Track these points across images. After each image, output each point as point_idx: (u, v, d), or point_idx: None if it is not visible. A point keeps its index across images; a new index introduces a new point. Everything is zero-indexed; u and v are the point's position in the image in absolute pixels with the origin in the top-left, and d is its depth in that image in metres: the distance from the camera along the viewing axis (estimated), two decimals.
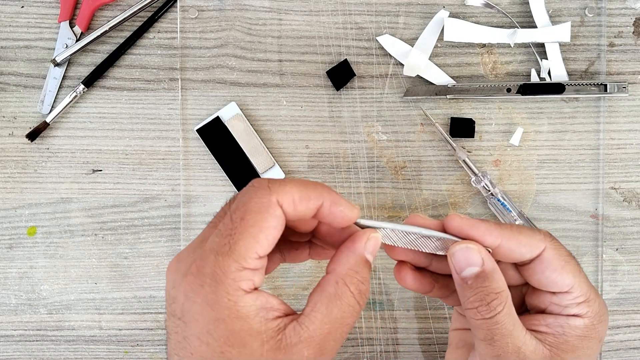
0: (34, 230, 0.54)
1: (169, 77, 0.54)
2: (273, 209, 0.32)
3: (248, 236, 0.32)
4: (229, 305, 0.31)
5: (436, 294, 0.40)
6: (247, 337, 0.31)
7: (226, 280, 0.31)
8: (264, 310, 0.32)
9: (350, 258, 0.35)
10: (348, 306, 0.33)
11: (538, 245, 0.37)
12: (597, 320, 0.37)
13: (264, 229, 0.32)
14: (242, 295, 0.31)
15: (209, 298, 0.31)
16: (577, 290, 0.37)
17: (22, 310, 0.54)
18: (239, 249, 0.32)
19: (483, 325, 0.35)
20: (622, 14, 0.54)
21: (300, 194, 0.33)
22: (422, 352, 0.55)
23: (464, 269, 0.36)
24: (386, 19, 0.54)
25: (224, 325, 0.31)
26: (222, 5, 0.54)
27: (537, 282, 0.38)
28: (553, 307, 0.38)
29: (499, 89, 0.53)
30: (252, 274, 0.32)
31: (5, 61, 0.54)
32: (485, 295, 0.35)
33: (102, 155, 0.54)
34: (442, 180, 0.54)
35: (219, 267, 0.31)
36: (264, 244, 0.32)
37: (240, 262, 0.31)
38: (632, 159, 0.55)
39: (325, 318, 0.33)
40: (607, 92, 0.53)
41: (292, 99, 0.54)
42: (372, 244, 0.35)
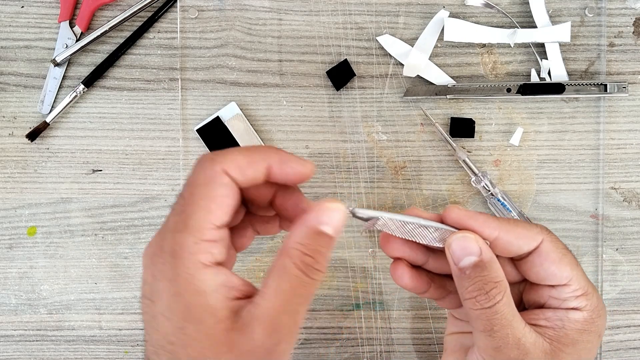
0: (34, 230, 0.54)
1: (169, 77, 0.54)
2: (220, 178, 0.33)
3: (199, 209, 0.32)
4: (187, 279, 0.31)
5: (432, 295, 0.40)
6: (203, 313, 0.31)
7: (184, 255, 0.31)
8: (225, 288, 0.32)
9: (300, 230, 0.34)
10: (294, 277, 0.32)
11: (535, 237, 0.37)
12: (596, 314, 0.37)
13: (213, 198, 0.32)
14: (201, 268, 0.32)
15: (170, 274, 0.32)
16: (576, 282, 0.37)
17: (22, 310, 0.54)
18: (193, 222, 0.32)
19: (482, 316, 0.35)
20: (622, 14, 0.54)
21: (246, 159, 0.33)
22: (422, 352, 0.55)
23: (462, 258, 0.36)
24: (386, 19, 0.54)
25: (182, 300, 0.31)
26: (222, 5, 0.54)
27: (535, 276, 0.38)
28: (552, 301, 0.38)
29: (499, 89, 0.53)
30: (211, 246, 0.32)
31: (5, 61, 0.54)
32: (484, 284, 0.35)
33: (102, 155, 0.54)
34: (442, 180, 0.54)
35: (176, 243, 0.32)
36: (218, 214, 0.32)
37: (195, 235, 0.32)
38: (632, 159, 0.55)
39: (276, 292, 0.32)
40: (607, 92, 0.53)
41: (292, 99, 0.54)
42: (328, 215, 0.34)
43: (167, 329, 0.32)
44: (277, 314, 0.32)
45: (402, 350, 0.54)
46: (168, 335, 0.32)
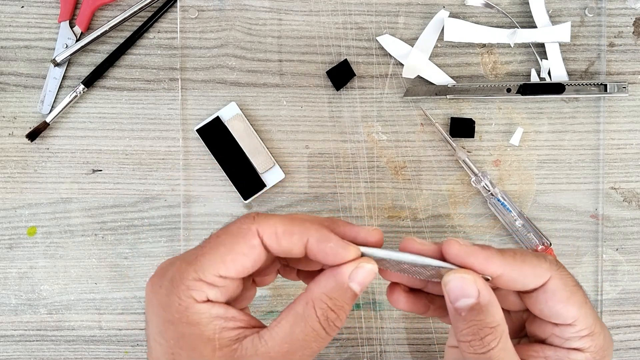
0: (34, 230, 0.54)
1: (169, 77, 0.54)
2: (249, 237, 0.32)
3: (215, 254, 0.32)
4: (180, 310, 0.31)
5: (433, 314, 0.39)
6: (197, 342, 0.31)
7: (180, 286, 0.32)
8: (221, 319, 0.32)
9: (329, 282, 0.33)
10: (311, 330, 0.32)
11: (543, 274, 0.35)
12: (600, 356, 0.35)
13: (233, 252, 0.32)
14: (193, 303, 0.32)
15: (163, 300, 0.32)
16: (582, 323, 0.35)
17: (22, 310, 0.54)
18: (202, 261, 0.32)
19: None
20: (622, 14, 0.54)
21: (283, 228, 0.33)
22: (421, 352, 0.55)
23: (459, 299, 0.34)
24: (386, 19, 0.54)
25: (174, 328, 0.31)
26: (222, 5, 0.54)
27: (539, 312, 0.36)
28: (554, 339, 0.36)
29: (499, 89, 0.53)
30: (207, 288, 0.32)
31: (5, 61, 0.54)
32: (479, 329, 0.33)
33: (102, 155, 0.54)
34: (442, 180, 0.54)
35: (178, 272, 0.32)
36: (229, 267, 0.32)
37: (198, 273, 0.32)
38: (632, 159, 0.55)
39: (287, 337, 0.32)
40: (607, 92, 0.53)
41: (292, 99, 0.54)
42: (360, 274, 0.33)
43: (159, 353, 0.32)
44: (283, 355, 0.31)
45: (402, 351, 0.54)
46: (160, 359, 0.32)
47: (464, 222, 0.54)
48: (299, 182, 0.54)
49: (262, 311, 0.54)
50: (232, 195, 0.54)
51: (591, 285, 0.55)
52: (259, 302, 0.54)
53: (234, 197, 0.54)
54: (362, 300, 0.54)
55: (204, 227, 0.54)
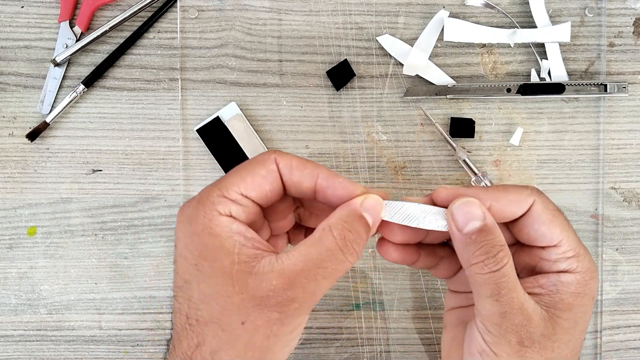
0: (34, 230, 0.54)
1: (169, 77, 0.54)
2: (268, 162, 0.36)
3: (236, 176, 0.35)
4: (204, 222, 0.34)
5: (423, 264, 0.40)
6: (218, 253, 0.33)
7: (206, 202, 0.34)
8: (241, 236, 0.34)
9: (342, 211, 0.35)
10: (327, 250, 0.34)
11: (527, 200, 0.37)
12: (589, 276, 0.37)
13: (253, 173, 0.35)
14: (216, 215, 0.34)
15: (190, 216, 0.35)
16: (566, 244, 0.37)
17: (22, 310, 0.54)
18: (225, 181, 0.35)
19: (490, 280, 0.35)
20: (622, 14, 0.54)
21: (298, 161, 0.36)
22: (422, 352, 0.55)
23: (466, 224, 0.35)
24: (386, 19, 0.54)
25: (198, 239, 0.34)
26: (222, 5, 0.54)
27: (526, 237, 0.38)
28: (543, 263, 0.38)
29: (499, 89, 0.53)
30: (230, 203, 0.35)
31: (5, 61, 0.54)
32: (491, 247, 0.35)
33: (102, 155, 0.54)
34: (442, 180, 0.54)
35: (204, 192, 0.35)
36: (249, 186, 0.35)
37: (222, 190, 0.35)
38: (632, 159, 0.55)
39: (302, 256, 0.33)
40: (607, 92, 0.53)
41: (292, 99, 0.54)
42: (370, 202, 0.36)
43: (183, 267, 0.34)
44: (298, 273, 0.33)
45: (402, 350, 0.54)
46: (184, 274, 0.34)
47: None
48: None
49: None
50: None
51: None
52: None
53: None
54: (362, 300, 0.54)
55: None
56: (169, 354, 0.36)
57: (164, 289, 0.54)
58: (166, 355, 0.38)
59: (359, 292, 0.54)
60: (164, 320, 0.54)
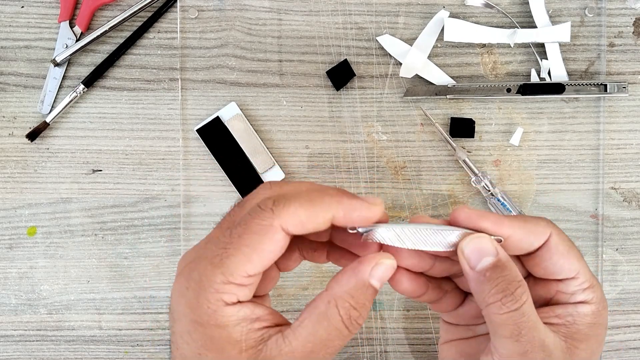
0: (34, 230, 0.54)
1: (169, 77, 0.54)
2: (272, 233, 0.32)
3: (241, 254, 0.32)
4: (209, 313, 0.31)
5: (429, 297, 0.38)
6: (225, 344, 0.32)
7: (209, 289, 0.31)
8: (248, 320, 0.32)
9: (350, 280, 0.33)
10: (335, 329, 0.32)
11: (544, 231, 0.35)
12: (602, 306, 0.36)
13: (258, 250, 0.32)
14: (222, 306, 0.32)
15: (191, 302, 0.32)
16: (583, 275, 0.36)
17: (22, 310, 0.54)
18: (229, 263, 0.32)
19: (509, 320, 0.33)
20: (622, 14, 0.54)
21: (306, 214, 0.32)
22: (421, 352, 0.55)
23: (479, 261, 0.34)
24: (386, 19, 0.54)
25: (202, 329, 0.32)
26: (222, 5, 0.54)
27: (543, 271, 0.36)
28: (560, 296, 0.36)
29: (499, 89, 0.53)
30: (237, 289, 0.32)
31: (5, 61, 0.54)
32: (508, 284, 0.33)
33: (102, 155, 0.54)
34: (442, 180, 0.54)
35: (205, 275, 0.32)
36: (256, 265, 0.32)
37: (226, 276, 0.31)
38: (632, 159, 0.55)
39: (310, 336, 0.32)
40: (607, 92, 0.53)
41: (292, 99, 0.54)
42: (380, 270, 0.34)
43: (186, 351, 0.32)
44: (307, 355, 0.32)
45: (402, 350, 0.54)
46: (186, 358, 0.32)
47: None
48: None
49: None
50: (232, 195, 0.54)
51: None
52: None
53: (234, 197, 0.54)
54: None
55: (204, 227, 0.54)
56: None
57: (164, 289, 0.54)
58: None
59: None
60: (164, 320, 0.54)
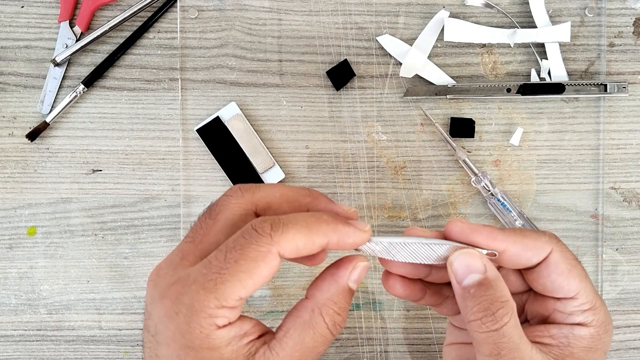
0: (34, 230, 0.54)
1: (169, 77, 0.54)
2: (270, 259, 0.32)
3: (236, 280, 0.31)
4: (201, 337, 0.31)
5: (428, 302, 0.38)
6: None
7: (201, 314, 0.31)
8: (237, 338, 0.32)
9: (331, 286, 0.33)
10: (320, 336, 0.33)
11: (544, 247, 0.35)
12: (603, 330, 0.35)
13: (254, 276, 0.31)
14: (215, 330, 0.31)
15: (182, 327, 0.31)
16: (583, 296, 0.35)
17: (22, 310, 0.54)
18: (224, 289, 0.31)
19: (488, 339, 0.33)
20: (622, 14, 0.54)
21: (304, 241, 0.32)
22: (421, 352, 0.55)
23: (465, 276, 0.33)
24: (386, 19, 0.54)
25: (194, 353, 0.31)
26: (222, 5, 0.54)
27: (541, 287, 0.36)
28: (557, 315, 0.36)
29: (499, 89, 0.53)
30: (230, 312, 0.32)
31: (5, 61, 0.54)
32: (490, 304, 0.33)
33: (102, 155, 0.54)
34: (442, 180, 0.54)
35: (197, 300, 0.31)
36: (249, 289, 0.32)
37: (220, 301, 0.31)
38: (632, 159, 0.55)
39: (297, 346, 0.32)
40: (607, 92, 0.53)
41: (292, 99, 0.54)
42: (357, 273, 0.34)
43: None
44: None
45: (402, 350, 0.54)
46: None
47: None
48: (299, 182, 0.54)
49: (262, 311, 0.54)
50: None
51: None
52: (259, 302, 0.54)
53: None
54: (362, 300, 0.54)
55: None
56: None
57: None
58: None
59: (359, 292, 0.54)
60: None
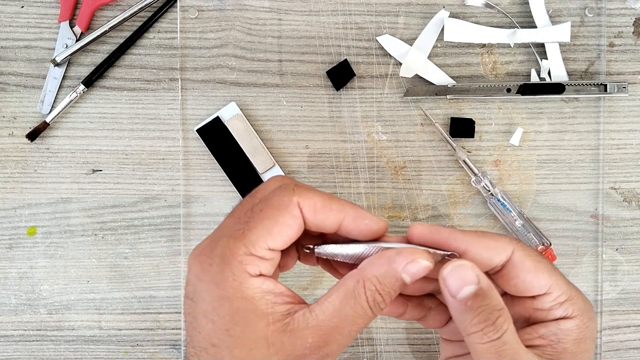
0: (34, 230, 0.54)
1: (169, 77, 0.54)
2: (292, 208, 0.33)
3: (262, 227, 0.33)
4: (234, 285, 0.32)
5: (411, 316, 0.39)
6: (251, 317, 0.32)
7: (233, 262, 0.32)
8: (272, 294, 0.33)
9: (383, 266, 0.34)
10: (360, 308, 0.33)
11: (505, 247, 0.35)
12: (587, 318, 0.36)
13: (278, 223, 0.33)
14: (247, 277, 0.32)
15: (216, 277, 0.32)
16: (556, 289, 0.35)
17: (22, 310, 0.54)
18: (251, 235, 0.33)
19: (491, 349, 0.33)
20: (622, 14, 0.54)
21: (322, 202, 0.34)
22: (421, 352, 0.55)
23: (460, 289, 0.33)
24: (386, 19, 0.54)
25: (228, 304, 0.32)
26: (222, 5, 0.54)
27: (514, 288, 0.36)
28: (537, 313, 0.36)
29: (499, 89, 0.53)
30: (259, 262, 0.33)
31: (5, 61, 0.54)
32: (489, 314, 0.33)
33: (102, 155, 0.54)
34: (442, 180, 0.54)
35: (228, 249, 0.32)
36: (277, 238, 0.33)
37: (248, 247, 0.32)
38: (632, 159, 0.55)
39: (337, 312, 0.33)
40: (607, 92, 0.53)
41: (292, 99, 0.54)
42: (414, 267, 0.34)
43: (210, 331, 0.33)
44: (333, 329, 0.32)
45: (402, 350, 0.54)
46: (211, 338, 0.32)
47: (464, 222, 0.54)
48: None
49: None
50: (232, 195, 0.54)
51: (591, 285, 0.55)
52: None
53: (234, 197, 0.54)
54: None
55: (204, 227, 0.54)
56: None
57: (163, 289, 0.54)
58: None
59: None
60: (164, 320, 0.54)
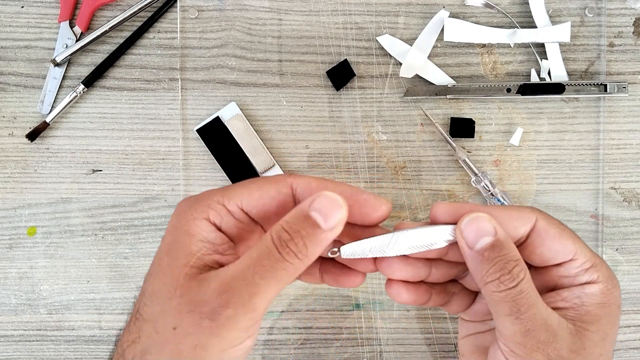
0: (34, 230, 0.54)
1: (169, 77, 0.54)
2: (281, 184, 0.35)
3: (245, 187, 0.35)
4: (188, 219, 0.34)
5: (435, 302, 0.38)
6: (180, 252, 0.33)
7: (202, 203, 0.34)
8: (211, 244, 0.34)
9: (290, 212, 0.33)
10: (265, 247, 0.32)
11: (529, 217, 0.35)
12: (611, 284, 0.35)
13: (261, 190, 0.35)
14: (202, 219, 0.34)
15: (182, 209, 0.35)
16: (582, 256, 0.35)
17: (22, 310, 0.54)
18: (231, 190, 0.35)
19: (507, 297, 0.33)
20: (622, 14, 0.54)
21: (318, 183, 0.35)
22: (422, 352, 0.55)
23: (477, 240, 0.34)
24: (386, 19, 0.54)
25: (175, 233, 0.34)
26: (222, 5, 0.54)
27: (539, 258, 0.36)
28: (563, 280, 0.36)
29: (499, 89, 0.53)
30: (225, 214, 0.34)
31: (5, 61, 0.54)
32: (505, 263, 0.33)
33: (102, 155, 0.54)
34: (442, 180, 0.54)
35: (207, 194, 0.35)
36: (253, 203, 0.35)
37: (224, 197, 0.34)
38: (632, 159, 0.55)
39: (244, 260, 0.32)
40: (607, 92, 0.53)
41: (292, 99, 0.54)
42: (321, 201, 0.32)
43: (154, 258, 0.34)
44: (234, 277, 0.32)
45: (402, 350, 0.54)
46: (151, 266, 0.34)
47: None
48: None
49: None
50: None
51: None
52: None
53: None
54: (362, 300, 0.54)
55: None
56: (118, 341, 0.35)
57: None
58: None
59: (359, 292, 0.54)
60: None
